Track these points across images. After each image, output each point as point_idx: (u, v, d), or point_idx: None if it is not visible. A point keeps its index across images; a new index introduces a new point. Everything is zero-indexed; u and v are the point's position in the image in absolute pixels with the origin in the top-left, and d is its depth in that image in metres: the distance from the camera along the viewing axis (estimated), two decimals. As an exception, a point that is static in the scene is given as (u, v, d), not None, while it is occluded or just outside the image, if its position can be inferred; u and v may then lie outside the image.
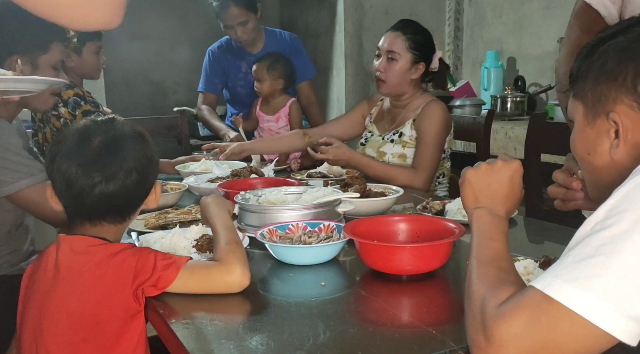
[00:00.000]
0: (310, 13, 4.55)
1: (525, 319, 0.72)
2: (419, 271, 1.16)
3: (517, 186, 1.02)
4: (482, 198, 1.01)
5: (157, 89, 4.86)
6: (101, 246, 1.12)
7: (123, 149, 1.15)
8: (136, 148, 1.17)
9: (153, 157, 1.22)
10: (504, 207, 1.01)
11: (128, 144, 1.16)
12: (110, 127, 1.18)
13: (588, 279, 0.70)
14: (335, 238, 1.33)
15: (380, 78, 2.23)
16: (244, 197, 1.51)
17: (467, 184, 1.03)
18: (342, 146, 2.11)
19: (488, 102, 3.51)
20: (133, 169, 1.14)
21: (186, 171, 2.28)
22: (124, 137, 1.17)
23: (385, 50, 2.21)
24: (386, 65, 2.21)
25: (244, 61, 3.02)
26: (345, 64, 4.01)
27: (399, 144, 2.21)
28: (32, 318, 1.14)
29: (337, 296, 1.14)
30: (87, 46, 2.42)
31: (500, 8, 3.71)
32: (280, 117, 2.91)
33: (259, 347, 0.90)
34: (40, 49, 1.72)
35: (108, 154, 1.13)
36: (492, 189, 1.01)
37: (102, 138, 1.14)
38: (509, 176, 1.01)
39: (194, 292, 1.11)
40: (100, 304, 1.07)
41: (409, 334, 0.94)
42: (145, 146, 1.20)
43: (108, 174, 1.12)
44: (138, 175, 1.15)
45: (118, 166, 1.13)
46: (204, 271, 1.11)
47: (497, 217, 0.98)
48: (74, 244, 1.13)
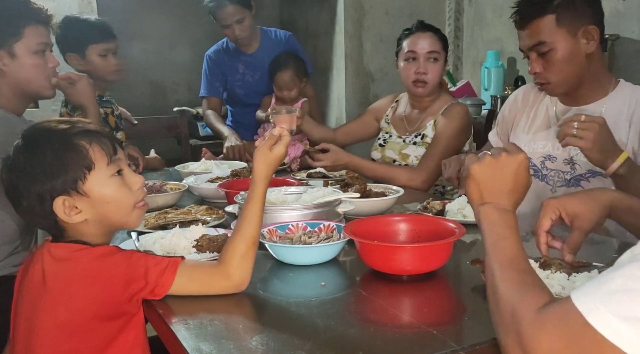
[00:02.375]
0: (310, 13, 4.55)
1: (566, 341, 0.70)
2: (419, 271, 1.15)
3: (523, 178, 0.99)
4: (487, 194, 0.98)
5: (157, 89, 4.86)
6: (83, 251, 1.08)
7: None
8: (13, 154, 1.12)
9: (21, 171, 1.10)
10: (511, 201, 0.98)
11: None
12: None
13: (637, 319, 0.65)
14: (335, 238, 1.32)
15: (424, 80, 2.21)
16: (244, 197, 1.50)
17: (471, 180, 1.00)
18: (339, 151, 2.11)
19: (488, 102, 3.51)
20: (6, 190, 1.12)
21: (186, 170, 2.29)
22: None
23: (427, 52, 2.20)
24: (428, 66, 2.20)
25: (240, 62, 3.03)
26: (345, 64, 4.01)
27: (421, 145, 2.22)
28: (22, 326, 1.12)
29: (337, 296, 1.14)
30: (90, 49, 2.36)
31: (500, 8, 3.70)
32: None
33: (259, 347, 0.90)
34: (13, 37, 1.67)
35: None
36: (497, 183, 0.98)
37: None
38: (514, 169, 0.98)
39: (191, 294, 1.10)
40: (91, 313, 1.05)
41: (410, 334, 0.94)
42: (10, 163, 1.12)
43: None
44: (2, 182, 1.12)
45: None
46: (203, 275, 1.10)
47: (505, 212, 0.96)
48: (57, 251, 1.10)
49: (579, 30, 1.58)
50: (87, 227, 1.12)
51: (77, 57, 2.38)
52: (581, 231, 1.12)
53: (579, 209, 1.13)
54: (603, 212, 1.13)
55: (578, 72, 1.62)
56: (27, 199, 1.09)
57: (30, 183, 1.08)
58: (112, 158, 1.12)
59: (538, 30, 1.60)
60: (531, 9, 1.60)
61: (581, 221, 1.12)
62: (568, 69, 1.61)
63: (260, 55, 3.00)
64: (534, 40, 1.61)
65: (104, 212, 1.12)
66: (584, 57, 1.60)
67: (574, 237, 1.12)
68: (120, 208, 1.13)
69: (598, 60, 1.63)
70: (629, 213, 1.13)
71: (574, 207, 1.13)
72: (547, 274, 1.07)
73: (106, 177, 1.11)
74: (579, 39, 1.59)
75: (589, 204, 1.13)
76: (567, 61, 1.60)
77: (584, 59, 1.61)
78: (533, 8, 1.60)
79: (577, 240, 1.12)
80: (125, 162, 1.17)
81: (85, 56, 2.37)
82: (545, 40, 1.59)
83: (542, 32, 1.59)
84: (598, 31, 1.58)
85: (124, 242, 1.39)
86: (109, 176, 1.11)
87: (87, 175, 1.09)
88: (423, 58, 2.20)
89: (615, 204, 1.13)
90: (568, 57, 1.60)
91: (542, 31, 1.59)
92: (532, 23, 1.61)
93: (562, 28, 1.58)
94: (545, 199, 1.19)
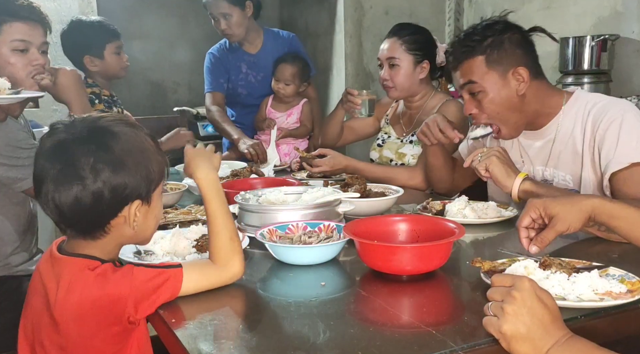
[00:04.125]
0: (310, 13, 4.55)
1: None
2: (419, 271, 1.15)
3: (547, 297, 0.89)
4: (539, 340, 0.85)
5: (157, 89, 4.86)
6: (86, 272, 1.02)
7: (73, 154, 1.00)
8: (89, 152, 1.00)
9: (122, 164, 1.02)
10: (560, 323, 0.88)
11: (80, 148, 1.01)
12: (65, 129, 1.04)
13: None
14: (335, 238, 1.33)
15: (388, 85, 2.24)
16: (244, 197, 1.51)
17: (514, 341, 0.86)
18: (337, 155, 2.12)
19: (488, 102, 3.51)
20: (82, 176, 0.99)
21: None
22: (76, 140, 1.02)
23: (385, 58, 2.23)
24: (390, 73, 2.22)
25: (243, 62, 3.02)
26: (345, 64, 4.01)
27: (418, 144, 2.22)
28: (28, 334, 1.11)
29: (337, 296, 1.14)
30: (107, 48, 2.44)
31: (500, 8, 3.68)
32: (292, 113, 2.96)
33: (259, 347, 0.90)
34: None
35: (54, 159, 1.02)
36: (537, 325, 0.86)
37: (53, 140, 1.04)
38: (535, 298, 0.87)
39: (191, 294, 1.10)
40: (93, 331, 1.03)
41: (409, 334, 0.94)
42: (104, 151, 1.01)
43: (55, 180, 1.01)
44: (91, 183, 1.00)
45: (63, 172, 1.00)
46: (200, 275, 1.10)
47: (569, 340, 0.86)
48: (60, 267, 1.05)
49: (508, 72, 1.59)
50: (121, 239, 1.10)
51: (92, 58, 2.43)
52: (554, 231, 1.17)
53: (557, 210, 1.17)
54: (581, 217, 1.16)
55: (514, 112, 1.62)
56: (90, 187, 0.99)
57: (113, 172, 1.00)
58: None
59: (469, 70, 1.62)
60: (462, 50, 1.63)
61: (556, 222, 1.17)
62: (501, 110, 1.61)
63: (263, 56, 2.99)
64: (464, 79, 1.63)
65: (146, 227, 1.10)
66: (517, 97, 1.60)
67: (545, 233, 1.18)
68: (156, 223, 1.13)
69: (536, 96, 1.62)
70: (612, 218, 1.16)
71: (553, 209, 1.18)
72: (547, 275, 1.07)
73: (161, 191, 1.12)
74: (509, 80, 1.59)
75: (568, 208, 1.17)
76: (499, 102, 1.60)
77: (518, 99, 1.60)
78: (464, 49, 1.63)
79: (547, 237, 1.17)
80: None
81: (104, 56, 2.43)
82: (475, 80, 1.61)
83: (473, 73, 1.61)
84: (527, 72, 1.58)
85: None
86: (162, 190, 1.12)
87: (160, 184, 1.09)
88: (386, 64, 2.24)
89: (597, 210, 1.16)
90: (500, 99, 1.60)
91: (473, 72, 1.61)
92: (462, 64, 1.63)
93: (491, 70, 1.59)
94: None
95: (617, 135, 1.49)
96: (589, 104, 1.60)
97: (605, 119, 1.53)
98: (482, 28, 1.64)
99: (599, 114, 1.55)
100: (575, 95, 1.65)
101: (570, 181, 1.62)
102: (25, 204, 1.76)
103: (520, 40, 1.62)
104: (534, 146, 1.70)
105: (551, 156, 1.66)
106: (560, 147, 1.63)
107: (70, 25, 2.45)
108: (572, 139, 1.61)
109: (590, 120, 1.57)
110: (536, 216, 1.20)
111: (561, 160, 1.63)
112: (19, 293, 1.63)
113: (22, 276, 1.73)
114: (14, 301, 1.34)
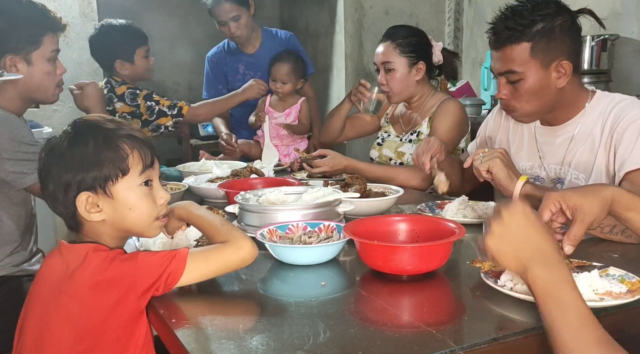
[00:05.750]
0: (310, 13, 4.55)
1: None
2: (419, 271, 1.15)
3: (538, 223, 0.93)
4: (523, 259, 0.91)
5: (157, 89, 4.83)
6: (95, 253, 1.08)
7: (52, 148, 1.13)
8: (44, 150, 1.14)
9: (65, 160, 1.11)
10: (549, 249, 0.92)
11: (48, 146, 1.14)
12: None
13: None
14: (335, 238, 1.33)
15: (385, 90, 2.25)
16: (244, 197, 1.51)
17: (499, 256, 0.94)
18: (337, 155, 2.12)
19: (488, 102, 3.51)
20: (42, 175, 1.14)
21: (186, 170, 2.29)
22: (62, 136, 1.14)
23: (380, 63, 2.24)
24: (386, 77, 2.23)
25: (241, 62, 3.02)
26: (346, 64, 4.01)
27: (417, 143, 2.22)
28: (33, 328, 1.12)
29: (337, 296, 1.14)
30: (137, 52, 2.52)
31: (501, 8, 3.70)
32: (290, 113, 2.96)
33: (259, 347, 0.90)
34: (32, 45, 1.72)
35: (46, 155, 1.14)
36: (522, 245, 0.92)
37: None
38: (524, 221, 0.92)
39: (209, 277, 1.12)
40: (104, 314, 1.05)
41: (409, 334, 0.94)
42: (56, 148, 1.12)
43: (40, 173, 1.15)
44: (46, 179, 1.12)
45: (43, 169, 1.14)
46: (215, 255, 1.12)
47: (552, 268, 0.89)
48: (70, 253, 1.11)
49: (552, 63, 1.53)
50: (104, 227, 1.13)
51: (123, 62, 2.50)
52: (582, 224, 1.12)
53: (579, 202, 1.13)
54: (604, 207, 1.13)
55: (545, 104, 1.59)
56: (55, 184, 1.10)
57: (63, 170, 1.10)
58: (146, 168, 1.14)
59: (511, 56, 1.54)
60: (507, 33, 1.54)
61: (582, 213, 1.12)
62: (535, 100, 1.57)
63: (261, 56, 2.99)
64: (505, 67, 1.57)
65: (123, 218, 1.13)
66: (554, 90, 1.55)
67: (575, 229, 1.13)
68: (139, 217, 1.14)
69: (570, 91, 1.58)
70: (628, 210, 1.14)
71: (574, 200, 1.13)
72: (547, 274, 1.07)
73: (135, 185, 1.13)
74: (551, 72, 1.54)
75: (589, 198, 1.13)
76: (535, 93, 1.56)
77: (554, 92, 1.56)
78: (510, 32, 1.54)
79: (578, 232, 1.12)
80: (158, 175, 1.18)
81: (134, 60, 2.51)
82: (516, 70, 1.55)
83: (515, 61, 1.54)
84: (571, 67, 1.53)
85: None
86: (138, 184, 1.13)
87: (120, 178, 1.11)
88: (382, 69, 2.25)
89: (616, 199, 1.13)
90: (537, 89, 1.55)
91: (515, 59, 1.54)
92: (506, 47, 1.55)
93: (535, 59, 1.52)
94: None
95: (636, 136, 1.48)
96: (612, 102, 1.57)
97: (626, 118, 1.51)
98: (532, 8, 1.53)
99: (620, 112, 1.53)
100: (598, 94, 1.63)
101: (582, 179, 1.60)
102: (25, 203, 1.77)
103: (571, 27, 1.54)
104: (551, 142, 1.68)
105: (567, 153, 1.63)
106: (578, 145, 1.61)
107: (100, 29, 2.53)
108: (591, 137, 1.58)
109: (611, 117, 1.55)
110: (556, 210, 1.15)
111: (577, 158, 1.61)
112: (19, 293, 1.63)
113: (22, 276, 1.74)
114: (14, 301, 1.35)
